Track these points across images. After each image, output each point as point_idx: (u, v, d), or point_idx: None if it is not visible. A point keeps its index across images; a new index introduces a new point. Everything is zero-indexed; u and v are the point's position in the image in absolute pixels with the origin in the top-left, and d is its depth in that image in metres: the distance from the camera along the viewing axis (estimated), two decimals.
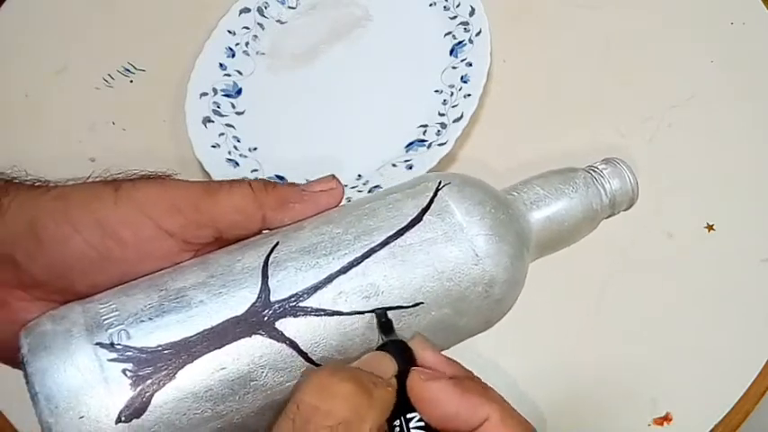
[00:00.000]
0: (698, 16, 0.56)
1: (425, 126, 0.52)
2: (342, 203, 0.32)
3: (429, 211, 0.30)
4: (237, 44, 0.59)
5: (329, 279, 0.28)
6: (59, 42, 0.65)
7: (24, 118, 0.61)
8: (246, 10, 0.60)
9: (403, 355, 0.28)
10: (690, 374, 0.43)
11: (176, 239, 0.30)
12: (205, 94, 0.56)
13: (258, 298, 0.28)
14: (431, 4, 0.58)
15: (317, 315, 0.28)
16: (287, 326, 0.28)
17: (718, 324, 0.45)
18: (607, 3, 0.58)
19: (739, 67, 0.53)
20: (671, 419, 0.42)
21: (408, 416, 0.26)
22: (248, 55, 0.59)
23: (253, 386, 0.27)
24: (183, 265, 0.30)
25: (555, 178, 0.34)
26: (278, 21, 0.61)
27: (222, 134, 0.55)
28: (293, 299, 0.28)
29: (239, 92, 0.58)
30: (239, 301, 0.28)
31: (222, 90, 0.57)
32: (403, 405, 0.26)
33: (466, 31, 0.55)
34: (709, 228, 0.47)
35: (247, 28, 0.60)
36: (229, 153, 0.53)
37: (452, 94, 0.53)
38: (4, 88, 0.63)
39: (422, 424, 0.26)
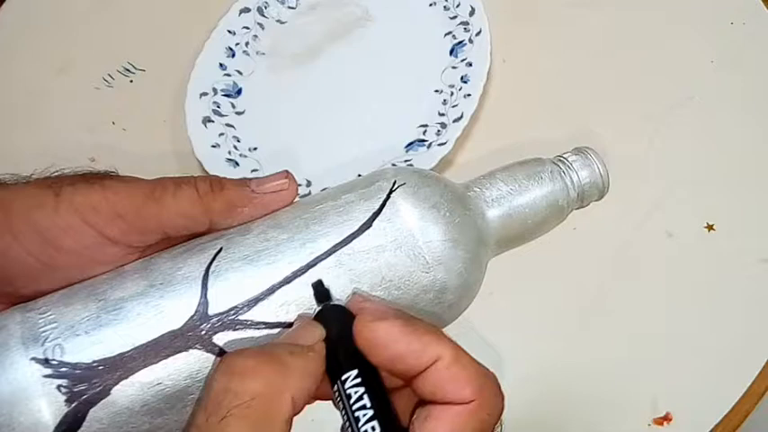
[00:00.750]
0: (698, 16, 0.56)
1: (425, 126, 0.52)
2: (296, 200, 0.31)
3: (380, 215, 0.29)
4: (237, 44, 0.59)
5: (271, 290, 0.27)
6: (59, 42, 0.65)
7: (24, 118, 0.61)
8: (246, 10, 0.60)
9: (341, 318, 0.27)
10: (690, 374, 0.43)
11: (120, 245, 0.29)
12: (205, 93, 0.56)
13: (196, 311, 0.27)
14: (431, 4, 0.58)
15: (258, 328, 0.27)
16: (225, 340, 0.27)
17: (717, 324, 0.45)
18: (607, 3, 0.58)
19: (739, 67, 0.53)
20: (671, 419, 0.42)
21: (343, 377, 0.25)
22: (248, 55, 0.59)
23: (191, 400, 0.26)
24: (126, 269, 0.29)
25: (520, 172, 0.33)
26: (278, 21, 0.61)
27: (222, 134, 0.55)
28: (232, 312, 0.27)
29: (239, 92, 0.58)
30: (177, 313, 0.27)
31: (222, 90, 0.57)
32: (338, 367, 0.25)
33: (466, 30, 0.55)
34: (709, 227, 0.47)
35: (247, 28, 0.60)
36: (229, 153, 0.53)
37: (452, 94, 0.53)
38: (4, 88, 0.63)
39: (358, 381, 0.25)
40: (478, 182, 0.33)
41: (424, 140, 0.51)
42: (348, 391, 0.25)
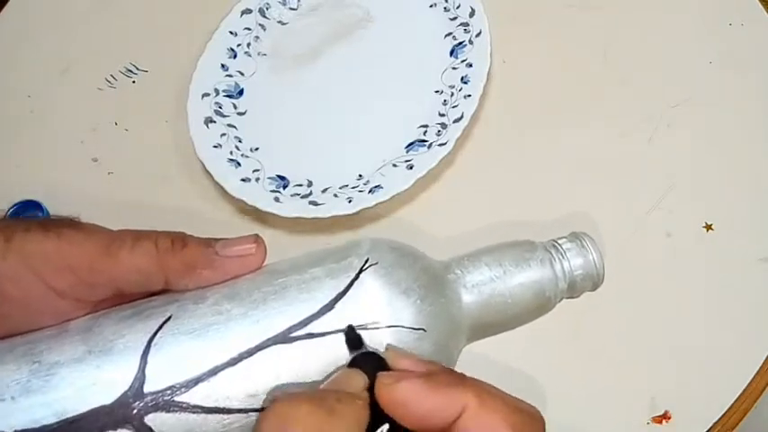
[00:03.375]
0: (697, 17, 0.56)
1: (426, 126, 0.52)
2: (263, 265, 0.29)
3: (344, 297, 0.27)
4: (239, 45, 0.59)
5: (213, 371, 0.25)
6: (62, 43, 0.65)
7: (27, 119, 0.62)
8: (248, 11, 0.60)
9: (375, 366, 0.25)
10: (688, 373, 0.44)
11: (68, 299, 0.28)
12: (207, 94, 0.57)
13: (131, 387, 0.25)
14: (431, 6, 0.58)
15: (194, 412, 0.25)
16: (158, 421, 0.25)
17: (716, 323, 0.45)
18: (607, 3, 0.58)
19: (738, 68, 0.53)
20: (670, 418, 0.42)
21: (379, 430, 0.24)
22: (250, 56, 0.59)
23: None
24: (70, 327, 0.27)
25: (507, 256, 0.30)
26: (279, 22, 0.61)
27: (224, 134, 0.55)
28: (169, 391, 0.25)
29: (241, 92, 0.58)
30: (111, 387, 0.25)
31: (224, 91, 0.57)
32: (379, 417, 0.24)
33: (466, 32, 0.55)
34: (708, 227, 0.48)
35: (249, 29, 0.60)
36: (231, 153, 0.54)
37: (452, 94, 0.53)
38: (7, 89, 0.64)
39: None
40: (461, 263, 0.30)
41: (424, 141, 0.51)
42: None
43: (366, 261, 0.28)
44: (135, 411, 0.25)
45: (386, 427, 0.24)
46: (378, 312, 0.27)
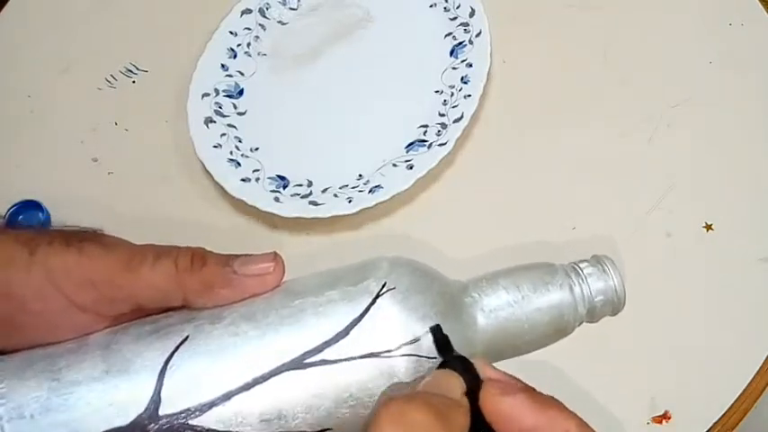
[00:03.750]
0: (697, 17, 0.56)
1: (426, 126, 0.52)
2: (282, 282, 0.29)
3: (360, 323, 0.26)
4: (239, 45, 0.59)
5: (227, 396, 0.25)
6: (62, 43, 0.65)
7: (26, 119, 0.61)
8: (248, 11, 0.60)
9: (467, 371, 0.25)
10: (688, 373, 0.44)
11: (89, 313, 0.28)
12: (207, 94, 0.57)
13: (146, 408, 0.25)
14: (431, 6, 0.58)
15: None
16: None
17: (716, 323, 0.45)
18: (607, 3, 0.58)
19: (738, 68, 0.53)
20: (670, 418, 0.42)
21: None
22: (250, 56, 0.59)
23: None
24: (89, 342, 0.27)
25: (525, 280, 0.30)
26: (279, 22, 0.61)
27: (224, 134, 0.55)
28: (183, 415, 0.25)
29: (241, 92, 0.58)
30: (127, 408, 0.25)
31: (224, 91, 0.57)
32: (476, 425, 0.24)
33: (466, 32, 0.55)
34: (708, 227, 0.48)
35: (249, 29, 0.60)
36: (231, 153, 0.54)
37: (452, 94, 0.53)
38: (7, 89, 0.64)
39: None
40: (478, 286, 0.30)
41: (424, 141, 0.51)
42: None
43: (383, 285, 0.27)
44: None
45: None
46: (393, 340, 0.26)
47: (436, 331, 0.26)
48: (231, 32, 0.59)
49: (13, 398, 0.25)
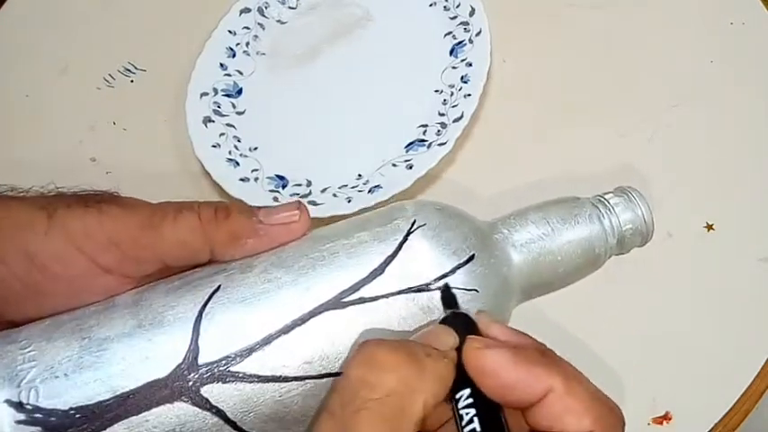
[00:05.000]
0: (697, 16, 0.56)
1: (425, 126, 0.52)
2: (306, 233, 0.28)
3: (394, 260, 0.26)
4: (238, 44, 0.59)
5: (267, 340, 0.25)
6: (60, 42, 0.65)
7: (25, 118, 0.61)
8: (247, 10, 0.60)
9: (467, 328, 0.25)
10: (689, 374, 0.43)
11: (113, 275, 0.27)
12: (206, 93, 0.56)
13: (185, 359, 0.25)
14: (431, 5, 0.58)
15: (250, 381, 0.25)
16: (214, 392, 0.25)
17: (717, 323, 0.45)
18: (607, 3, 0.58)
19: (739, 67, 0.53)
20: (670, 418, 0.42)
21: (457, 395, 0.23)
22: (249, 55, 0.59)
23: None
24: (117, 302, 0.27)
25: (554, 213, 0.30)
26: (278, 21, 0.61)
27: (223, 134, 0.55)
28: (224, 362, 0.25)
29: (240, 92, 0.58)
30: (164, 360, 0.25)
31: (223, 90, 0.57)
32: (460, 379, 0.24)
33: (466, 31, 0.55)
34: (709, 227, 0.48)
35: (248, 28, 0.60)
36: (230, 153, 0.53)
37: (452, 93, 0.53)
38: (5, 88, 0.63)
39: (470, 401, 0.23)
40: (507, 222, 0.30)
41: (424, 140, 0.51)
42: (460, 412, 0.23)
43: (413, 223, 0.27)
44: (191, 384, 0.25)
45: (467, 391, 0.23)
46: (429, 274, 0.26)
47: (444, 289, 0.26)
48: (230, 31, 0.59)
49: (43, 359, 0.25)
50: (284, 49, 0.60)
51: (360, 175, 0.51)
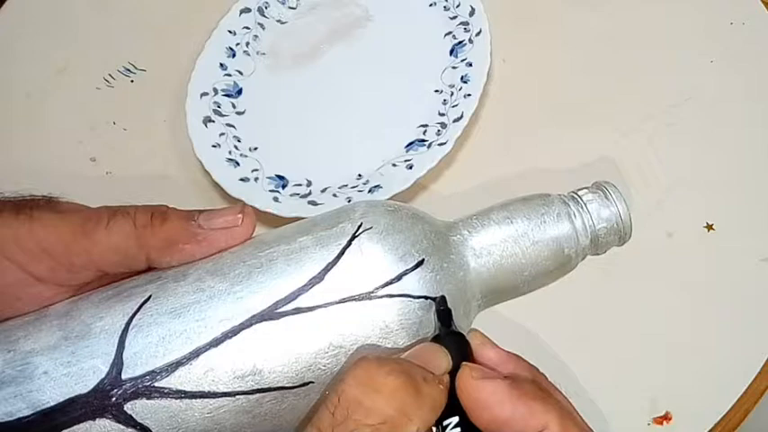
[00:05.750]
0: (698, 16, 0.56)
1: (425, 126, 0.52)
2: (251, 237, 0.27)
3: (335, 267, 0.25)
4: (238, 44, 0.59)
5: (196, 353, 0.24)
6: (60, 42, 0.65)
7: (25, 118, 0.61)
8: (247, 10, 0.60)
9: (460, 349, 0.24)
10: (689, 374, 0.43)
11: (47, 284, 0.26)
12: (206, 93, 0.56)
13: (108, 374, 0.24)
14: (431, 5, 0.58)
15: (177, 397, 0.24)
16: (138, 409, 0.23)
17: (717, 323, 0.45)
18: (607, 3, 0.58)
19: (739, 67, 0.53)
20: (670, 419, 0.42)
21: (444, 422, 0.22)
22: (249, 55, 0.59)
23: None
24: (49, 312, 0.26)
25: (519, 213, 0.28)
26: (278, 21, 0.61)
27: (223, 134, 0.55)
28: (148, 377, 0.24)
29: (240, 92, 0.58)
30: (88, 374, 0.24)
31: (223, 90, 0.57)
32: (453, 406, 0.23)
33: (466, 31, 0.55)
34: (709, 227, 0.48)
35: (248, 28, 0.60)
36: (230, 153, 0.53)
37: (452, 93, 0.53)
38: (5, 88, 0.63)
39: (458, 430, 0.22)
40: (468, 223, 0.28)
41: (424, 140, 0.51)
42: None
43: (359, 226, 0.26)
44: (114, 399, 0.24)
45: (455, 419, 0.22)
46: (373, 281, 0.25)
47: (440, 302, 0.24)
48: (230, 31, 0.59)
49: None
50: (284, 49, 0.60)
51: (360, 175, 0.51)
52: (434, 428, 0.23)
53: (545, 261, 0.28)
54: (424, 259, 0.25)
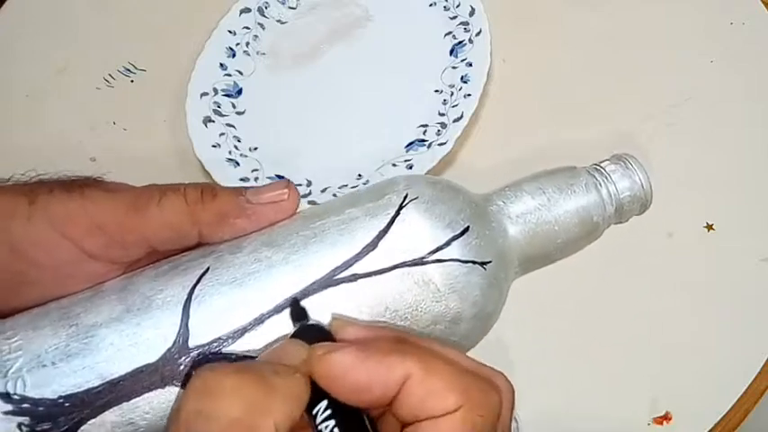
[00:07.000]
0: (698, 16, 0.56)
1: (425, 126, 0.52)
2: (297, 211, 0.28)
3: (387, 235, 0.26)
4: (238, 44, 0.59)
5: (260, 319, 0.24)
6: (60, 42, 0.65)
7: (25, 118, 0.61)
8: (247, 10, 0.60)
9: (319, 339, 0.24)
10: (689, 373, 0.43)
11: (100, 260, 0.26)
12: (206, 93, 0.56)
13: (175, 342, 0.24)
14: (431, 4, 0.58)
15: (243, 363, 0.24)
16: None
17: (717, 323, 0.45)
18: (607, 3, 0.58)
19: (739, 67, 0.53)
20: (670, 418, 0.42)
21: (314, 410, 0.22)
22: (249, 55, 0.59)
23: None
24: (105, 288, 0.26)
25: (550, 183, 0.29)
26: (278, 21, 0.61)
27: (223, 134, 0.55)
28: (216, 344, 0.24)
29: (240, 92, 0.58)
30: (154, 344, 0.24)
31: (223, 90, 0.57)
32: (319, 392, 0.22)
33: (466, 31, 0.55)
34: (709, 227, 0.48)
35: (248, 28, 0.60)
36: (230, 153, 0.53)
37: (452, 93, 0.53)
38: (5, 88, 0.63)
39: (328, 413, 0.22)
40: (502, 194, 0.30)
41: (424, 140, 0.51)
42: (319, 427, 0.22)
43: (405, 197, 0.27)
44: (182, 367, 0.24)
45: (324, 403, 0.22)
46: (423, 248, 0.26)
47: (293, 303, 0.25)
48: (230, 31, 0.59)
49: (29, 348, 0.24)
50: (284, 49, 0.60)
51: (360, 175, 0.51)
52: (307, 418, 0.22)
53: (575, 228, 0.29)
54: (469, 226, 0.27)
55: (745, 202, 0.48)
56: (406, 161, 0.50)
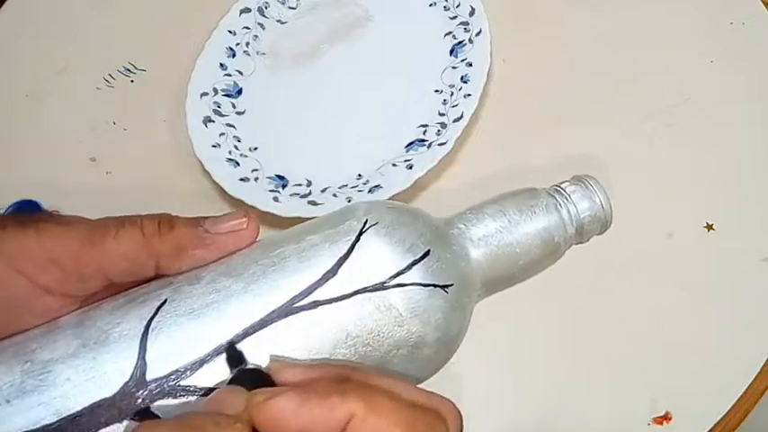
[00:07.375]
0: (698, 16, 0.56)
1: (425, 126, 0.52)
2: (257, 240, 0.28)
3: (347, 261, 0.26)
4: (238, 44, 0.59)
5: (218, 351, 0.24)
6: (60, 42, 0.65)
7: (25, 118, 0.61)
8: (247, 10, 0.60)
9: (258, 383, 0.23)
10: (689, 373, 0.43)
11: (56, 295, 0.26)
12: (206, 93, 0.56)
13: (132, 376, 0.24)
14: (431, 4, 0.58)
15: (203, 394, 0.24)
16: (165, 408, 0.24)
17: (717, 323, 0.45)
18: (607, 3, 0.58)
19: (739, 67, 0.53)
20: (670, 418, 0.42)
21: None
22: (249, 55, 0.59)
23: None
24: (61, 323, 0.26)
25: (510, 205, 0.30)
26: (278, 21, 0.61)
27: (223, 134, 0.55)
28: (173, 376, 0.24)
29: (240, 92, 0.58)
30: (111, 378, 0.24)
31: (223, 90, 0.57)
32: None
33: (466, 31, 0.55)
34: (709, 227, 0.48)
35: (248, 28, 0.60)
36: (230, 153, 0.53)
37: (452, 93, 0.53)
38: (5, 88, 0.63)
39: None
40: (464, 217, 0.30)
41: (424, 140, 0.51)
42: None
43: (365, 222, 0.27)
44: (140, 401, 0.24)
45: None
46: (384, 272, 0.26)
47: (229, 348, 0.25)
48: (230, 31, 0.59)
49: None
50: (284, 49, 0.60)
51: (360, 175, 0.51)
52: None
53: (537, 249, 0.29)
54: (429, 250, 0.27)
55: (745, 202, 0.48)
56: (405, 161, 0.50)
